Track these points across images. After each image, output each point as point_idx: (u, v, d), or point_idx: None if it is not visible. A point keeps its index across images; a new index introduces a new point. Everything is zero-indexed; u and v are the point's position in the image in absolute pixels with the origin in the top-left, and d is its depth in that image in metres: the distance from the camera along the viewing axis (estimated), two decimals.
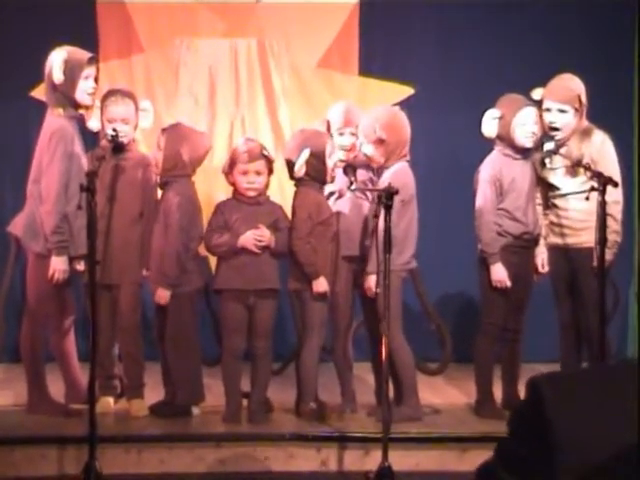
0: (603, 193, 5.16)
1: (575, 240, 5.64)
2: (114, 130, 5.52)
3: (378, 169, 5.65)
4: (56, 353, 5.70)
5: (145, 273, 5.70)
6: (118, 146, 5.49)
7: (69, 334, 5.66)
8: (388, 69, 7.44)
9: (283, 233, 5.57)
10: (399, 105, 6.14)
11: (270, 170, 5.62)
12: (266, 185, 5.63)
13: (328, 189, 5.72)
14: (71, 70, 5.47)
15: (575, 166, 5.57)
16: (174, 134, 5.68)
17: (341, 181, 5.71)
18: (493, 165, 5.70)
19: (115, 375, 5.79)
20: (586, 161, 5.50)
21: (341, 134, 5.78)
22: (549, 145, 5.62)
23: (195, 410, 5.63)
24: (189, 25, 7.45)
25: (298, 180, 5.60)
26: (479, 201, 5.69)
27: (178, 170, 5.62)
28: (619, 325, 7.25)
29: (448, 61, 7.40)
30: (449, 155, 7.30)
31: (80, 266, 5.53)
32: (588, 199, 5.32)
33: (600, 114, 5.82)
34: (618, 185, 5.32)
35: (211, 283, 5.69)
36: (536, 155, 5.72)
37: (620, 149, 5.71)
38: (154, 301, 5.61)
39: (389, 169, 5.56)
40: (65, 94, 5.50)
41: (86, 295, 5.36)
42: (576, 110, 5.62)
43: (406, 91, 7.36)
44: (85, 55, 5.57)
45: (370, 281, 5.47)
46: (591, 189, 5.27)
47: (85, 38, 6.50)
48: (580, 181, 5.58)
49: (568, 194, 5.64)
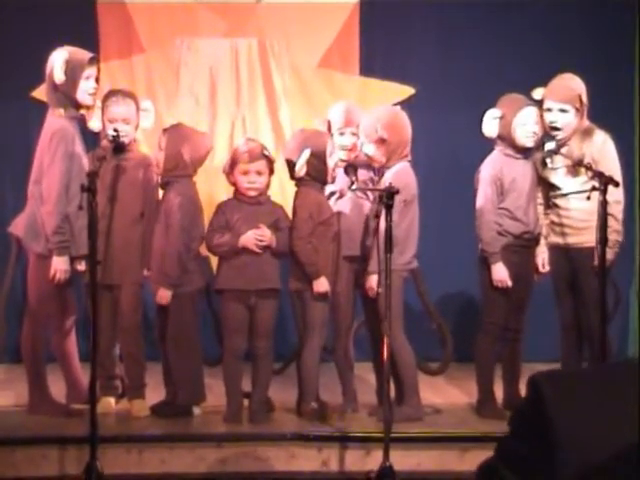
0: (604, 193, 5.16)
1: (576, 240, 5.64)
2: (115, 130, 5.52)
3: (379, 169, 5.65)
4: (57, 353, 5.70)
5: (146, 273, 5.70)
6: (119, 146, 5.49)
7: (70, 334, 5.67)
8: (389, 69, 7.44)
9: (284, 233, 5.57)
10: (400, 105, 6.15)
11: (271, 170, 5.62)
12: (267, 185, 5.63)
13: (329, 189, 5.71)
14: (72, 70, 5.47)
15: (576, 166, 5.57)
16: (175, 134, 5.68)
17: (342, 181, 5.71)
18: (494, 165, 5.70)
19: (116, 375, 5.79)
20: (587, 161, 5.49)
21: (342, 134, 5.78)
22: (550, 145, 5.62)
23: (196, 410, 5.63)
24: (190, 25, 7.45)
25: (299, 180, 5.60)
26: (480, 201, 5.69)
27: (179, 170, 5.62)
28: (620, 325, 7.25)
29: (449, 61, 7.40)
30: (450, 155, 7.30)
31: (81, 266, 5.54)
32: (589, 199, 5.32)
33: (600, 114, 5.82)
34: (619, 185, 5.32)
35: (212, 283, 5.69)
36: (537, 155, 5.72)
37: (621, 149, 5.71)
38: (155, 301, 5.62)
39: (391, 169, 5.56)
40: (66, 94, 5.50)
41: (87, 295, 5.36)
42: (577, 110, 5.62)
43: (407, 91, 7.35)
44: (86, 55, 5.57)
45: (372, 281, 5.47)
46: (592, 189, 5.27)
47: (86, 38, 6.50)
48: (581, 181, 5.58)
49: (569, 194, 5.64)
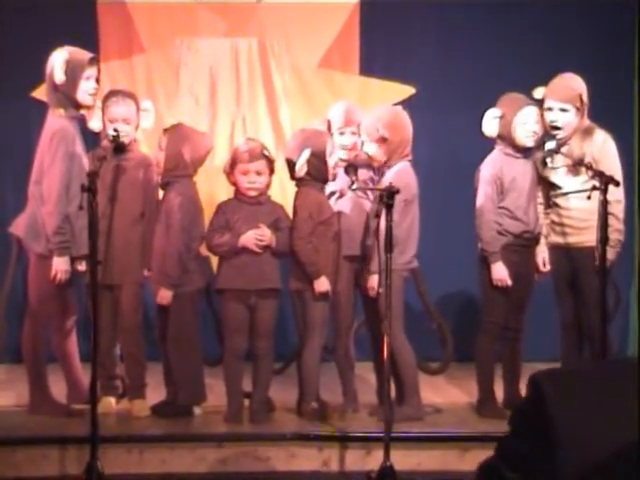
0: (605, 192, 5.16)
1: (576, 239, 5.64)
2: (115, 130, 5.52)
3: (379, 168, 5.65)
4: (58, 353, 5.70)
5: (146, 273, 5.70)
6: (119, 146, 5.49)
7: (71, 334, 5.66)
8: (389, 69, 7.44)
9: (284, 233, 5.57)
10: (400, 105, 6.15)
11: (271, 170, 5.62)
12: (267, 185, 5.63)
13: (329, 189, 5.72)
14: (72, 70, 5.47)
15: (576, 165, 5.57)
16: (175, 134, 5.69)
17: (342, 181, 5.71)
18: (494, 164, 5.70)
19: (117, 375, 5.79)
20: (588, 160, 5.50)
21: (342, 133, 5.78)
22: (550, 144, 5.62)
23: (197, 410, 5.63)
24: (190, 25, 7.45)
25: (299, 180, 5.60)
26: (480, 200, 5.69)
27: (179, 170, 5.63)
28: (620, 325, 7.25)
29: (448, 61, 7.40)
30: (450, 155, 7.30)
31: (82, 266, 5.54)
32: (590, 198, 5.32)
33: (600, 114, 5.81)
34: (620, 184, 5.32)
35: (213, 283, 5.69)
36: (537, 154, 5.72)
37: (621, 148, 5.71)
38: (156, 301, 5.62)
39: (391, 169, 5.56)
40: (66, 94, 5.50)
41: (88, 295, 5.36)
42: (577, 109, 5.62)
43: (407, 91, 7.35)
44: (86, 55, 5.57)
45: (372, 281, 5.46)
46: (592, 188, 5.27)
47: (86, 38, 6.50)
48: (582, 180, 5.58)
49: (569, 193, 5.64)
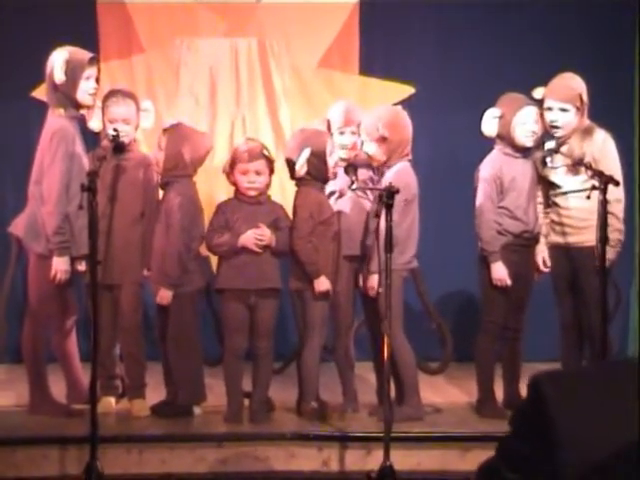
0: (604, 192, 5.16)
1: (576, 239, 5.64)
2: (115, 130, 5.52)
3: (379, 168, 5.65)
4: (58, 353, 5.70)
5: (146, 273, 5.70)
6: (119, 146, 5.49)
7: (71, 334, 5.67)
8: (388, 69, 7.44)
9: (284, 232, 5.57)
10: (399, 105, 6.15)
11: (271, 170, 5.62)
12: (267, 185, 5.63)
13: (329, 188, 5.72)
14: (72, 70, 5.47)
15: (576, 165, 5.57)
16: (175, 134, 5.68)
17: (342, 180, 5.71)
18: (493, 164, 5.70)
19: (116, 375, 5.79)
20: (587, 160, 5.50)
21: (341, 133, 5.78)
22: (550, 144, 5.62)
23: (196, 410, 5.63)
24: (189, 25, 7.45)
25: (299, 179, 5.60)
26: (479, 200, 5.69)
27: (179, 170, 5.63)
28: (621, 324, 7.25)
29: (448, 61, 7.40)
30: (449, 155, 7.30)
31: (81, 266, 5.54)
32: (589, 198, 5.32)
33: (600, 113, 5.81)
34: (619, 184, 5.32)
35: (212, 283, 5.69)
36: (537, 154, 5.72)
37: (620, 148, 5.71)
38: (155, 301, 5.62)
39: (391, 168, 5.56)
40: (66, 94, 5.50)
41: (87, 295, 5.36)
42: (577, 109, 5.62)
43: (406, 90, 7.36)
44: (86, 55, 5.57)
45: (373, 280, 5.47)
46: (592, 188, 5.27)
47: (86, 38, 6.49)
48: (581, 179, 5.58)
49: (569, 192, 5.64)
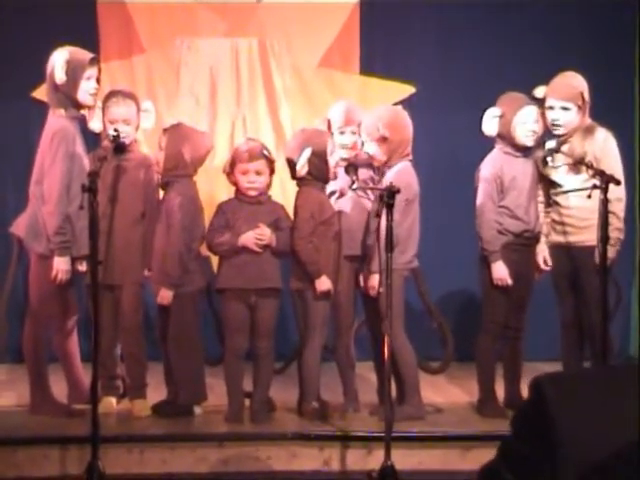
0: (605, 191, 5.16)
1: (577, 238, 5.64)
2: (115, 131, 5.52)
3: (380, 168, 5.65)
4: (59, 353, 5.70)
5: (147, 273, 5.71)
6: (120, 147, 5.48)
7: (72, 334, 5.67)
8: (389, 68, 7.45)
9: (284, 232, 5.57)
10: (400, 104, 6.16)
11: (271, 170, 5.62)
12: (267, 185, 5.63)
13: (329, 188, 5.72)
14: (73, 70, 5.47)
15: (577, 164, 5.57)
16: (175, 134, 5.69)
17: (342, 180, 5.71)
18: (494, 163, 5.70)
19: (117, 375, 5.79)
20: (589, 159, 5.50)
21: (342, 133, 5.78)
22: (551, 143, 5.63)
23: (197, 410, 5.63)
24: (190, 25, 7.45)
25: (300, 179, 5.60)
26: (480, 199, 5.69)
27: (180, 170, 5.63)
28: (621, 323, 7.25)
29: (448, 61, 7.40)
30: (450, 154, 7.30)
31: (82, 266, 5.54)
32: (590, 197, 5.33)
33: (601, 113, 5.81)
34: (620, 183, 5.32)
35: (213, 283, 5.69)
36: (538, 153, 5.72)
37: (621, 147, 5.71)
38: (156, 301, 5.62)
39: (392, 168, 5.56)
40: (67, 94, 5.50)
41: (88, 295, 5.36)
42: (579, 107, 5.62)
43: (407, 90, 7.36)
44: (87, 55, 5.57)
45: (373, 280, 5.47)
46: (593, 187, 5.28)
47: (86, 38, 6.50)
48: (582, 178, 5.58)
49: (570, 191, 5.64)
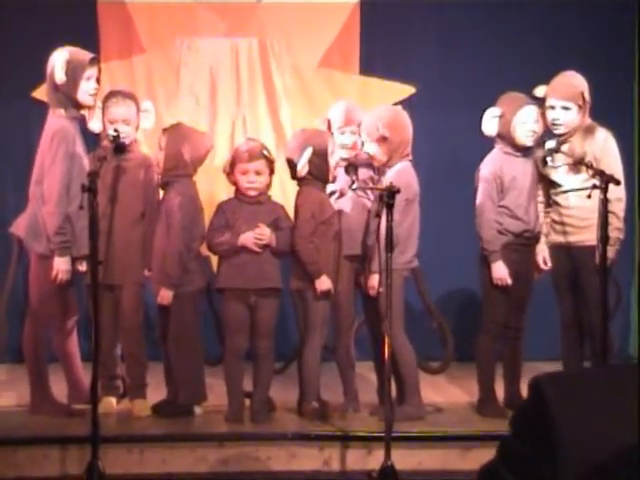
0: (605, 191, 5.16)
1: (577, 238, 5.64)
2: (115, 131, 5.52)
3: (380, 168, 5.65)
4: (59, 353, 5.70)
5: (147, 273, 5.71)
6: (119, 147, 5.48)
7: (72, 334, 5.67)
8: (389, 69, 7.45)
9: (284, 232, 5.57)
10: (400, 104, 6.16)
11: (271, 170, 5.62)
12: (267, 185, 5.63)
13: (329, 188, 5.72)
14: (73, 70, 5.47)
15: (577, 164, 5.57)
16: (175, 134, 5.69)
17: (342, 180, 5.71)
18: (494, 163, 5.70)
19: (118, 375, 5.79)
20: (589, 158, 5.50)
21: (342, 133, 5.78)
22: (551, 143, 5.62)
23: (197, 410, 5.63)
24: (190, 25, 7.45)
25: (300, 179, 5.60)
26: (479, 199, 5.69)
27: (179, 170, 5.63)
28: (621, 323, 7.25)
29: (448, 61, 7.40)
30: (450, 154, 7.30)
31: (82, 267, 5.54)
32: (590, 197, 5.33)
33: (601, 113, 5.81)
34: (620, 183, 5.32)
35: (213, 283, 5.69)
36: (538, 153, 5.72)
37: (621, 147, 5.71)
38: (156, 301, 5.62)
39: (392, 168, 5.56)
40: (67, 94, 5.50)
41: (88, 295, 5.35)
42: (579, 107, 5.62)
43: (407, 90, 7.36)
44: (87, 56, 5.57)
45: (373, 280, 5.46)
46: (593, 187, 5.28)
47: (86, 38, 6.49)
48: (582, 178, 5.58)
49: (570, 191, 5.64)
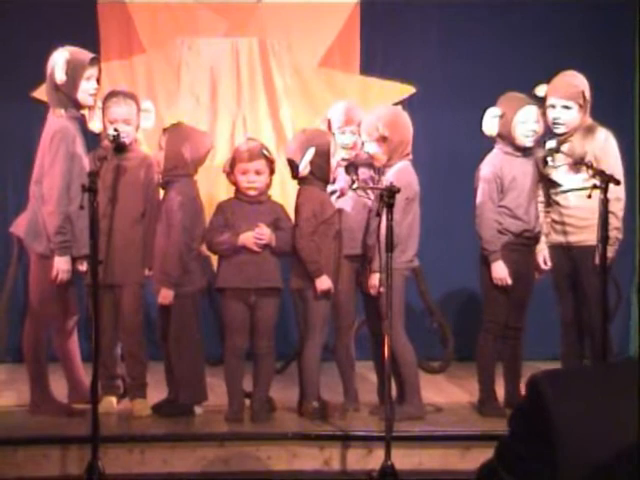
0: (605, 191, 5.16)
1: (577, 238, 5.64)
2: (116, 130, 5.51)
3: (380, 168, 5.65)
4: (59, 353, 5.70)
5: (148, 273, 5.71)
6: (120, 146, 5.48)
7: (72, 334, 5.67)
8: (389, 68, 7.45)
9: (284, 232, 5.57)
10: (400, 104, 6.16)
11: (271, 170, 5.62)
12: (267, 185, 5.63)
13: (330, 188, 5.72)
14: (73, 70, 5.47)
15: (577, 164, 5.57)
16: (175, 134, 5.69)
17: (343, 180, 5.71)
18: (494, 163, 5.70)
19: (118, 375, 5.79)
20: (589, 158, 5.50)
21: (342, 133, 5.78)
22: (551, 143, 5.63)
23: (198, 409, 5.63)
24: (190, 25, 7.46)
25: (302, 179, 5.60)
26: (479, 199, 5.69)
27: (180, 170, 5.63)
28: (621, 323, 7.25)
29: (448, 61, 7.41)
30: (450, 154, 7.30)
31: (83, 266, 5.54)
32: (590, 197, 5.32)
33: (601, 113, 5.81)
34: (620, 183, 5.32)
35: (214, 282, 5.69)
36: (538, 153, 5.72)
37: (621, 147, 5.71)
38: (157, 301, 5.62)
39: (392, 168, 5.56)
40: (67, 94, 5.50)
41: (89, 295, 5.37)
42: (580, 106, 5.62)
43: (407, 90, 7.36)
44: (87, 56, 5.57)
45: (375, 279, 5.46)
46: (593, 187, 5.27)
47: (86, 38, 6.49)
48: (582, 178, 5.58)
49: (570, 190, 5.64)
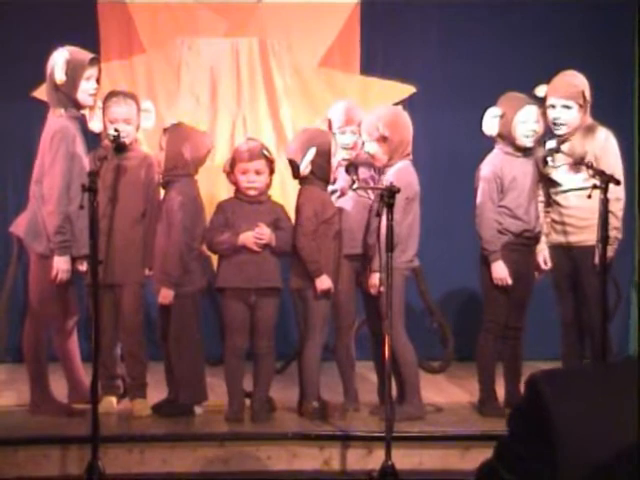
0: (605, 191, 5.16)
1: (577, 238, 5.64)
2: (116, 130, 5.51)
3: (380, 167, 5.65)
4: (59, 353, 5.70)
5: (148, 273, 5.71)
6: (120, 146, 5.48)
7: (72, 334, 5.67)
8: (389, 68, 7.45)
9: (284, 232, 5.57)
10: (400, 104, 6.16)
11: (271, 170, 5.62)
12: (267, 184, 5.63)
13: (330, 187, 5.72)
14: (73, 70, 5.47)
15: (577, 164, 5.57)
16: (176, 134, 5.69)
17: (343, 180, 5.72)
18: (494, 163, 5.70)
19: (118, 375, 5.79)
20: (589, 158, 5.50)
21: (342, 132, 5.78)
22: (551, 143, 5.62)
23: (198, 409, 5.63)
24: (190, 25, 7.46)
25: (302, 179, 5.60)
26: (480, 199, 5.69)
27: (180, 170, 5.63)
28: (621, 323, 7.25)
29: (449, 61, 7.41)
30: (450, 154, 7.30)
31: (82, 266, 5.54)
32: (590, 197, 5.33)
33: (601, 112, 5.81)
34: (620, 183, 5.32)
35: (214, 282, 5.69)
36: (538, 153, 5.72)
37: (621, 147, 5.71)
38: (157, 301, 5.62)
39: (392, 168, 5.56)
40: (67, 94, 5.50)
41: (89, 295, 5.37)
42: (580, 106, 5.62)
43: (407, 90, 7.36)
44: (87, 55, 5.57)
45: (375, 279, 5.46)
46: (593, 187, 5.27)
47: (86, 38, 6.51)
48: (582, 178, 5.58)
49: (570, 190, 5.64)
